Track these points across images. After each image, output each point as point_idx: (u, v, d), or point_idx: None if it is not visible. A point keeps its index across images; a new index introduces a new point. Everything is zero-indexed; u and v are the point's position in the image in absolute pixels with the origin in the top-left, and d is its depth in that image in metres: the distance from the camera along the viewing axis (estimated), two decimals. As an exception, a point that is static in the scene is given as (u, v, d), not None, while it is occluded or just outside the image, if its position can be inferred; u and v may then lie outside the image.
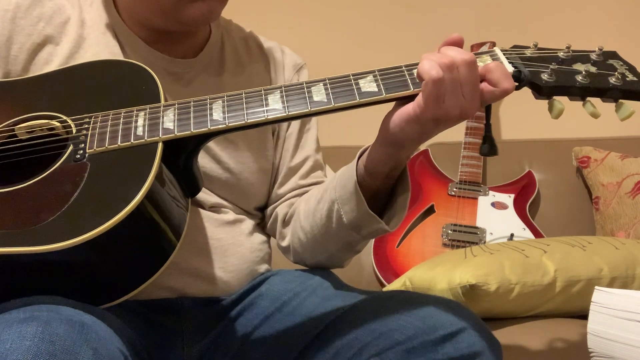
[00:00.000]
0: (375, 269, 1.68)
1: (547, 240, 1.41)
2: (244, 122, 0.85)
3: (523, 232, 1.69)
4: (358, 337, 0.86)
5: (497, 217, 1.73)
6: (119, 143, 0.84)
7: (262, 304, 0.99)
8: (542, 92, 0.86)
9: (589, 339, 0.87)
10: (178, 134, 0.84)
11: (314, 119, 1.15)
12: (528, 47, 0.90)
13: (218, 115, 0.85)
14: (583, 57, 0.89)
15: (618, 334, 0.83)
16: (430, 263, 1.39)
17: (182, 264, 0.94)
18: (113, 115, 0.87)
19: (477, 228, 1.70)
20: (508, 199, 1.78)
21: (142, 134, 0.84)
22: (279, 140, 1.10)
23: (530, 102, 0.90)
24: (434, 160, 1.90)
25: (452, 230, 1.69)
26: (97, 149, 0.84)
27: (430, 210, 1.77)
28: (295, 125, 1.12)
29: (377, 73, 0.85)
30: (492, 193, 1.80)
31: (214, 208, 1.02)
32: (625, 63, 0.89)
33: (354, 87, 0.84)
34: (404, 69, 0.85)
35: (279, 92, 0.86)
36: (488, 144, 0.88)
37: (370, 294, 0.94)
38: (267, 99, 0.86)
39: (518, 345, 1.16)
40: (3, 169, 0.87)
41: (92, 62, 0.97)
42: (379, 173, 0.90)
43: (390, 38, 2.12)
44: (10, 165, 0.87)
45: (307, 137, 1.13)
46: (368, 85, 0.84)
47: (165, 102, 0.89)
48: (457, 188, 1.80)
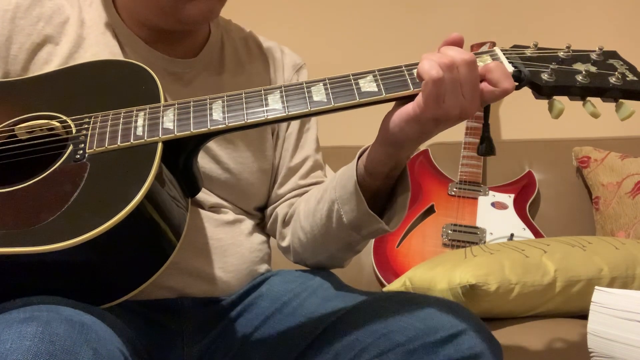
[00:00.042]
0: (375, 269, 1.68)
1: (547, 240, 1.41)
2: (244, 122, 0.84)
3: (523, 232, 1.69)
4: (359, 338, 0.86)
5: (497, 217, 1.73)
6: (119, 143, 0.84)
7: (262, 305, 0.99)
8: (542, 91, 0.86)
9: (589, 339, 0.87)
10: (178, 134, 0.84)
11: (314, 119, 1.15)
12: (528, 47, 0.90)
13: (218, 115, 0.85)
14: (583, 56, 0.89)
15: (618, 334, 0.83)
16: (430, 263, 1.39)
17: (182, 264, 0.94)
18: (113, 116, 0.87)
19: (477, 228, 1.70)
20: (508, 199, 1.78)
21: (141, 134, 0.84)
22: (279, 140, 1.10)
23: (530, 102, 0.90)
24: (434, 160, 1.90)
25: (452, 230, 1.69)
26: (96, 149, 0.84)
27: (430, 210, 1.76)
28: (295, 125, 1.11)
29: (377, 73, 0.85)
30: (492, 193, 1.80)
31: (214, 208, 1.02)
32: (626, 63, 0.89)
33: (354, 87, 0.84)
34: (404, 69, 0.85)
35: (279, 92, 0.86)
36: (486, 144, 0.88)
37: (371, 295, 0.94)
38: (267, 99, 0.86)
39: (518, 345, 1.16)
40: (3, 169, 0.87)
41: (92, 62, 0.97)
42: (379, 173, 0.90)
43: (390, 38, 2.12)
44: (10, 165, 0.87)
45: (306, 137, 1.13)
46: (368, 85, 0.84)
47: (165, 102, 0.89)
48: (457, 188, 1.80)
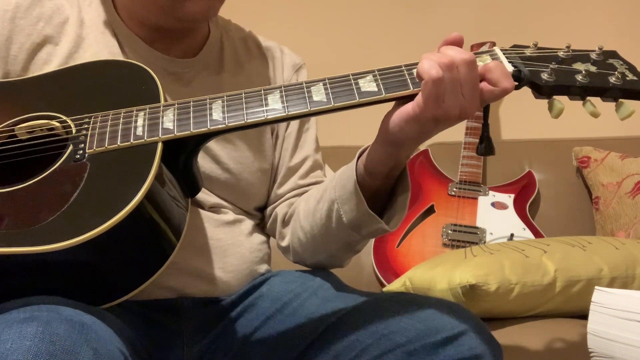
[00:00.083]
0: (375, 269, 1.68)
1: (547, 240, 1.41)
2: (244, 122, 0.84)
3: (523, 232, 1.69)
4: (359, 339, 0.86)
5: (497, 217, 1.73)
6: (119, 143, 0.84)
7: (262, 305, 0.99)
8: (542, 91, 0.86)
9: (589, 339, 0.87)
10: (178, 134, 0.84)
11: (313, 119, 1.14)
12: (528, 46, 0.90)
13: (218, 115, 0.85)
14: (583, 56, 0.89)
15: (618, 334, 0.83)
16: (430, 263, 1.39)
17: (182, 264, 0.94)
18: (113, 116, 0.87)
19: (477, 228, 1.70)
20: (508, 199, 1.78)
21: (141, 134, 0.84)
22: (278, 140, 1.10)
23: (530, 101, 0.90)
24: (434, 160, 1.90)
25: (452, 230, 1.69)
26: (96, 149, 0.84)
27: (430, 210, 1.76)
28: (295, 125, 1.11)
29: (376, 73, 0.85)
30: (492, 193, 1.80)
31: (214, 208, 1.02)
32: (625, 62, 0.89)
33: (354, 86, 0.84)
34: (404, 69, 0.85)
35: (279, 92, 0.86)
36: (485, 144, 0.88)
37: (371, 296, 0.94)
38: (266, 99, 0.86)
39: (518, 346, 1.16)
40: (3, 169, 0.87)
41: (91, 62, 0.97)
42: (379, 173, 0.90)
43: (390, 38, 2.11)
44: (10, 165, 0.87)
45: (306, 136, 1.13)
46: (368, 85, 0.84)
47: (165, 102, 0.89)
48: (457, 188, 1.80)
